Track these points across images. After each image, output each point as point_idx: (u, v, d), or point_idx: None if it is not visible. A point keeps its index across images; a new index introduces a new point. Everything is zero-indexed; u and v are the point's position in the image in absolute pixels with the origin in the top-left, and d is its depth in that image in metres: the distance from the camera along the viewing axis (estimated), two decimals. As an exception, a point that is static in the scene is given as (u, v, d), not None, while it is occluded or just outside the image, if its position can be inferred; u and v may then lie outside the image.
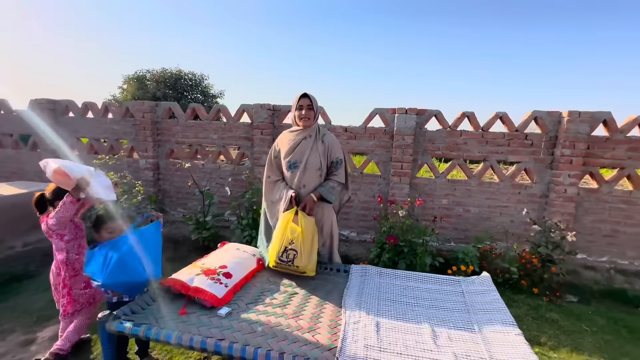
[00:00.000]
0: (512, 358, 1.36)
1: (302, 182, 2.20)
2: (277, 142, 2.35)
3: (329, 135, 2.27)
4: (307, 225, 2.06)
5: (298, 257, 2.00)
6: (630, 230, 3.43)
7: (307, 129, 2.20)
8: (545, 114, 3.43)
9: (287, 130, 2.33)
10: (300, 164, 2.18)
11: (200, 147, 4.34)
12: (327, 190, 2.19)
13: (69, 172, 1.71)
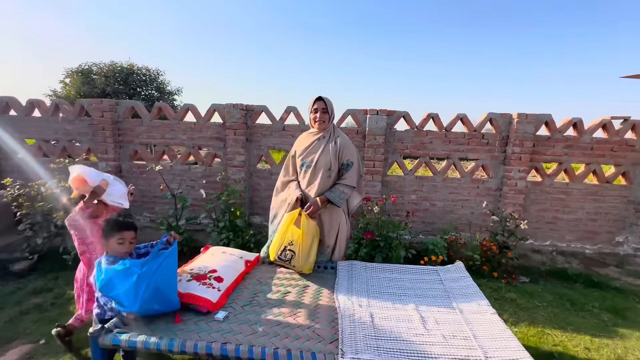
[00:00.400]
0: (491, 334, 1.56)
1: (312, 181, 2.26)
2: (295, 143, 2.44)
3: (343, 137, 2.30)
4: (308, 228, 2.11)
5: (295, 258, 2.07)
6: (567, 217, 3.96)
7: (322, 131, 2.28)
8: (499, 115, 3.81)
9: (305, 132, 2.43)
10: (312, 163, 2.24)
11: (168, 148, 4.15)
12: (336, 194, 2.21)
13: (87, 178, 1.84)
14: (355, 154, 2.30)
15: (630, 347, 2.24)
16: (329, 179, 2.24)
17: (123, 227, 1.69)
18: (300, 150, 2.34)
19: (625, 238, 3.96)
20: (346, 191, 2.27)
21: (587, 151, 3.82)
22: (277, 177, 4.01)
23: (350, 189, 2.30)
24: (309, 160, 2.29)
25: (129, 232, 1.70)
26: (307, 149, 2.30)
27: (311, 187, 2.28)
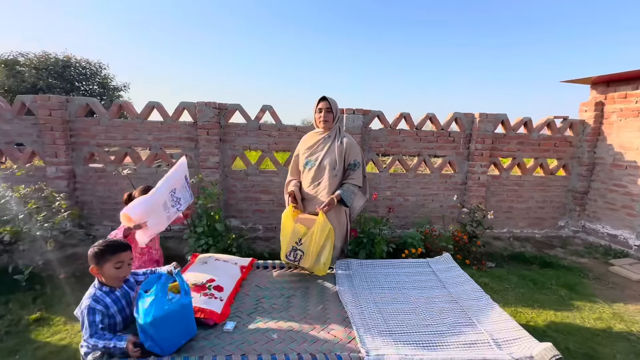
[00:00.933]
0: (491, 318, 1.70)
1: (316, 179, 2.26)
2: (300, 143, 2.44)
3: (349, 138, 2.32)
4: (323, 228, 2.03)
5: (304, 258, 2.03)
6: (520, 206, 4.42)
7: (327, 131, 2.29)
8: (463, 115, 4.12)
9: (310, 132, 2.43)
10: (317, 162, 2.25)
11: (131, 150, 3.80)
12: (347, 193, 2.22)
13: (132, 215, 1.84)
14: (360, 154, 2.35)
15: (585, 316, 2.59)
16: (335, 178, 2.26)
17: (119, 248, 1.49)
18: (305, 149, 2.35)
19: (566, 222, 4.54)
20: (355, 191, 2.32)
21: (535, 147, 4.30)
22: (253, 178, 3.95)
23: (356, 189, 2.34)
24: (313, 158, 2.30)
25: (125, 253, 1.51)
26: (311, 147, 2.31)
27: (316, 185, 2.29)
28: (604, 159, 4.19)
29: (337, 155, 2.23)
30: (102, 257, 1.44)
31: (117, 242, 1.51)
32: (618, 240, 4.00)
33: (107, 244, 1.48)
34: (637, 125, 3.82)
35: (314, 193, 2.31)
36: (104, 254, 1.45)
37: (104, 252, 1.45)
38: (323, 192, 2.28)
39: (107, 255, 1.45)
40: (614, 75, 3.98)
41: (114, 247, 1.48)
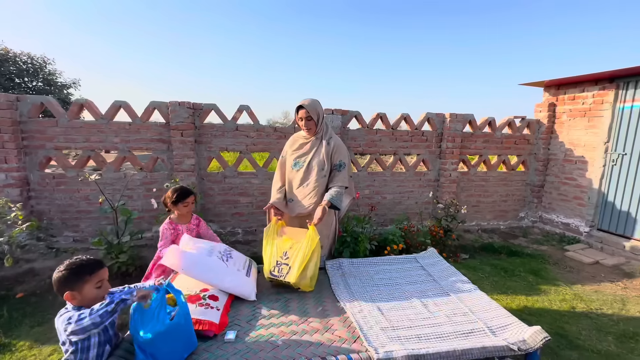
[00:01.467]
0: (482, 307, 1.80)
1: (305, 180, 2.25)
2: (285, 145, 2.42)
3: (335, 138, 2.33)
4: (313, 242, 1.98)
5: (291, 273, 1.93)
6: (487, 200, 4.74)
7: (313, 136, 2.29)
8: (435, 115, 4.32)
9: (297, 133, 2.43)
10: (305, 163, 2.24)
11: (95, 153, 3.50)
12: (337, 197, 2.21)
13: (180, 260, 1.78)
14: (346, 154, 2.36)
15: (552, 299, 2.85)
16: (324, 179, 2.27)
17: (96, 266, 1.33)
18: (292, 150, 2.33)
19: (526, 213, 4.95)
20: (342, 192, 2.32)
21: (499, 145, 4.63)
22: (231, 180, 3.83)
23: (343, 189, 2.34)
24: (301, 160, 2.30)
25: (103, 270, 1.35)
26: (299, 149, 2.31)
27: (305, 186, 2.28)
28: (556, 155, 4.62)
29: (324, 156, 2.25)
30: (79, 279, 1.27)
31: (91, 260, 1.34)
32: (570, 228, 4.44)
33: (81, 264, 1.30)
34: (584, 124, 4.26)
35: (302, 194, 2.31)
36: (80, 275, 1.28)
37: (80, 273, 1.28)
38: (312, 193, 2.29)
39: (85, 276, 1.28)
40: (563, 80, 4.41)
41: (91, 266, 1.32)
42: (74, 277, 1.27)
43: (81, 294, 1.28)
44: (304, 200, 2.32)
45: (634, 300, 2.87)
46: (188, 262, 1.76)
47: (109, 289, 1.38)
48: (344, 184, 2.30)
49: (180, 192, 2.16)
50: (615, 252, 3.82)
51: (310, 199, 2.30)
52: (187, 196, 2.16)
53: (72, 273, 1.27)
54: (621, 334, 2.34)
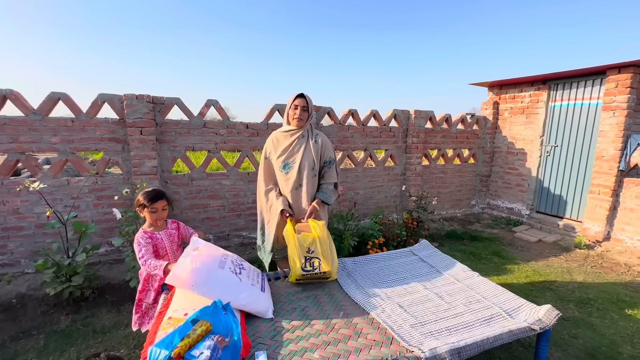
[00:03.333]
0: (491, 292, 1.92)
1: (298, 182, 2.16)
2: (267, 144, 2.26)
3: (322, 136, 2.26)
4: (321, 231, 2.00)
5: (323, 262, 1.90)
6: (445, 191, 5.12)
7: (300, 129, 2.16)
8: (401, 112, 4.49)
9: (277, 131, 2.26)
10: (295, 164, 2.15)
11: (26, 157, 2.86)
12: (327, 194, 2.24)
13: (191, 277, 1.56)
14: (333, 151, 2.36)
15: (517, 276, 3.19)
16: (314, 178, 2.24)
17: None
18: (279, 152, 2.21)
19: (476, 201, 5.48)
20: (332, 189, 2.32)
21: (454, 139, 5.02)
22: (200, 182, 3.48)
23: (332, 186, 2.33)
24: (290, 161, 2.21)
25: None
26: (286, 149, 2.20)
27: (298, 187, 2.21)
28: (500, 148, 5.20)
29: (314, 155, 2.21)
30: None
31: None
32: (514, 212, 5.05)
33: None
34: (523, 121, 4.85)
35: (296, 196, 2.24)
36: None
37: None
38: (305, 195, 2.24)
39: None
40: (504, 81, 4.95)
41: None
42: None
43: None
44: (299, 202, 2.27)
45: (577, 270, 3.37)
46: (198, 278, 1.53)
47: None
48: (334, 180, 2.33)
49: (148, 195, 1.86)
50: (552, 230, 4.45)
51: (304, 200, 2.26)
52: (155, 201, 1.85)
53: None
54: (579, 300, 2.73)
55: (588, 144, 4.15)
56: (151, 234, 1.92)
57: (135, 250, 1.85)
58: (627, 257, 3.61)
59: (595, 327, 2.34)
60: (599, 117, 3.94)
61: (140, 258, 1.82)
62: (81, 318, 2.40)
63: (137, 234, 1.90)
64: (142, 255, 1.82)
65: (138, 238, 1.87)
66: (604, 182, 3.85)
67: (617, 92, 3.70)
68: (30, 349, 2.05)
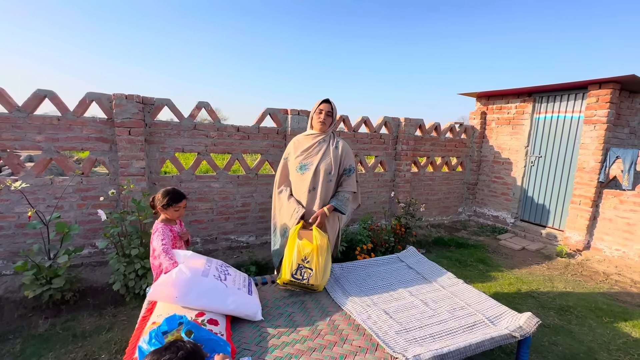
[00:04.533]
0: (475, 299, 1.95)
1: (312, 184, 2.15)
2: (288, 146, 2.29)
3: (343, 143, 2.26)
4: (322, 242, 1.98)
5: (313, 275, 1.89)
6: (433, 198, 5.20)
7: (322, 134, 2.19)
8: (391, 119, 4.56)
9: (300, 134, 2.30)
10: (312, 166, 2.14)
11: (8, 155, 2.78)
12: (342, 202, 2.19)
13: (175, 289, 1.56)
14: (354, 159, 2.34)
15: (501, 284, 3.26)
16: (330, 184, 2.20)
17: None
18: (298, 153, 2.21)
19: (463, 208, 5.58)
20: (349, 197, 2.30)
21: (443, 147, 5.11)
22: (189, 185, 3.45)
23: (351, 194, 2.32)
24: (308, 162, 2.20)
25: None
26: (305, 151, 2.20)
27: (312, 190, 2.18)
28: (487, 157, 5.32)
29: (332, 160, 2.19)
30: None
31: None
32: (499, 220, 5.16)
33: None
34: (509, 131, 4.98)
35: (310, 199, 2.22)
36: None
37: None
38: (318, 199, 2.22)
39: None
40: (491, 92, 5.09)
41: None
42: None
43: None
44: (311, 206, 2.23)
45: (558, 278, 3.47)
46: (182, 290, 1.51)
47: None
48: (352, 189, 2.28)
49: (172, 195, 1.96)
50: (535, 238, 4.56)
51: (317, 206, 2.22)
52: (180, 200, 1.99)
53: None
54: (559, 308, 2.80)
55: (570, 156, 4.29)
56: (170, 227, 2.00)
57: (156, 238, 1.90)
58: (606, 266, 3.73)
59: (574, 334, 2.41)
60: (581, 129, 4.09)
61: (164, 245, 1.86)
62: (61, 322, 2.33)
63: (157, 225, 1.96)
64: (165, 243, 1.87)
65: (160, 228, 1.94)
66: (585, 192, 3.99)
67: (598, 107, 3.85)
68: (5, 354, 1.99)
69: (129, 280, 2.60)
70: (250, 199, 3.81)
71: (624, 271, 3.59)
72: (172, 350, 0.86)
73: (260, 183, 3.83)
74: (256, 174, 3.81)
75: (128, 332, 2.21)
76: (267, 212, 3.92)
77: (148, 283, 2.57)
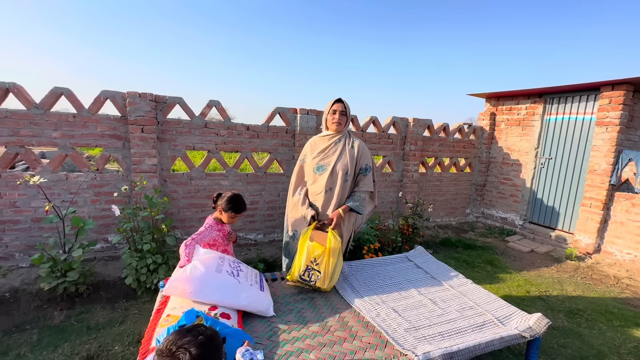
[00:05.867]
0: (484, 300, 1.95)
1: (329, 185, 2.16)
2: (304, 148, 2.31)
3: (359, 142, 2.27)
4: (335, 245, 1.98)
5: (321, 278, 1.91)
6: (441, 199, 5.18)
7: (338, 134, 2.19)
8: (400, 119, 4.55)
9: (316, 136, 2.31)
10: (329, 167, 2.15)
11: (25, 150, 2.86)
12: (358, 202, 2.19)
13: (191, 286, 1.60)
14: (371, 158, 2.34)
15: (509, 285, 3.24)
16: (346, 184, 2.20)
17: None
18: (315, 154, 2.23)
19: (471, 210, 5.54)
20: (366, 197, 2.29)
21: (451, 148, 5.09)
22: (198, 182, 3.50)
23: (368, 194, 2.32)
24: (325, 163, 2.22)
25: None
26: (322, 152, 2.22)
27: (329, 191, 2.19)
28: (496, 158, 5.28)
29: (349, 160, 2.19)
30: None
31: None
32: (508, 222, 5.12)
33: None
34: (519, 132, 4.94)
35: (326, 199, 2.22)
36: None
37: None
38: (335, 200, 2.23)
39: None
40: (501, 93, 5.05)
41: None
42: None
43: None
44: (327, 207, 2.24)
45: (567, 281, 3.43)
46: (197, 286, 1.55)
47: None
48: (369, 189, 2.28)
49: (235, 204, 2.04)
50: (544, 241, 4.52)
51: (332, 207, 2.23)
52: (240, 211, 2.07)
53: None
54: (569, 311, 2.78)
55: (581, 158, 4.24)
56: (222, 225, 2.11)
57: (202, 228, 2.03)
58: (617, 270, 3.68)
59: (583, 337, 2.39)
60: (593, 131, 4.04)
61: (198, 235, 1.96)
62: (75, 314, 2.39)
63: (209, 220, 2.10)
64: (203, 238, 1.96)
65: (210, 223, 2.07)
66: (596, 195, 3.94)
67: (611, 108, 3.80)
68: (23, 343, 2.05)
69: (141, 274, 2.65)
70: (259, 197, 3.85)
71: (636, 275, 3.54)
72: (193, 334, 0.90)
73: (269, 181, 3.87)
74: (265, 172, 3.84)
75: (140, 325, 2.26)
76: (275, 210, 3.96)
77: (159, 278, 2.62)
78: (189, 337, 0.87)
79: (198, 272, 1.59)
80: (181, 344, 0.85)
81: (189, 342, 0.86)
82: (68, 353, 1.97)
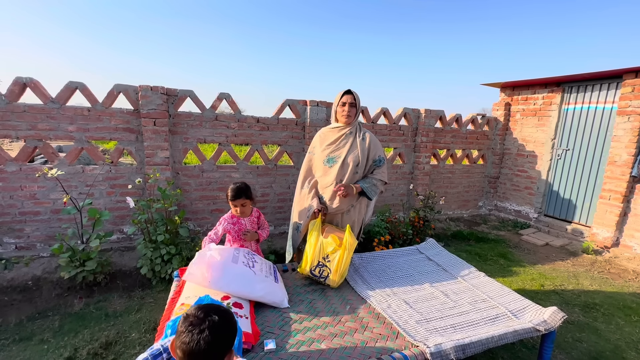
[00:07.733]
0: (497, 292, 1.93)
1: (340, 177, 2.15)
2: (313, 140, 2.29)
3: (370, 134, 2.25)
4: (350, 245, 1.96)
5: (331, 276, 1.92)
6: (453, 191, 5.10)
7: (348, 126, 2.17)
8: (411, 110, 4.48)
9: (326, 127, 2.29)
10: (339, 159, 2.14)
11: (43, 143, 2.94)
12: (370, 186, 2.19)
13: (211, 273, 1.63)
14: (382, 150, 2.34)
15: (523, 279, 3.19)
16: (356, 175, 2.20)
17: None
18: (325, 146, 2.22)
19: (484, 202, 5.45)
20: (379, 185, 2.29)
21: (464, 140, 4.99)
22: (210, 175, 3.53)
23: (382, 184, 2.31)
24: (335, 155, 2.21)
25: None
26: (332, 144, 2.21)
27: (340, 181, 2.20)
28: (510, 150, 5.15)
29: (360, 152, 2.17)
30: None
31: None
32: (522, 215, 5.01)
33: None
34: (535, 123, 4.80)
35: (334, 192, 2.20)
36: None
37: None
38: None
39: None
40: (517, 82, 4.90)
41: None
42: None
43: None
44: (337, 199, 2.21)
45: (583, 275, 3.36)
46: (215, 275, 1.58)
47: None
48: (384, 179, 2.28)
49: (231, 191, 2.08)
50: (560, 234, 4.42)
51: (341, 199, 2.20)
52: (233, 199, 2.07)
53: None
54: (584, 305, 2.72)
55: (600, 149, 4.09)
56: (237, 218, 2.14)
57: (218, 223, 2.12)
58: (636, 264, 3.58)
59: (600, 332, 2.34)
60: (613, 121, 3.89)
61: (214, 229, 2.06)
62: (94, 302, 2.48)
63: (227, 214, 2.17)
64: (217, 231, 2.06)
65: (226, 217, 2.15)
66: (615, 187, 3.81)
67: (633, 97, 3.64)
68: (46, 329, 2.13)
69: (155, 264, 2.72)
70: (269, 189, 3.87)
71: (656, 270, 3.43)
72: (219, 306, 0.97)
73: (279, 174, 3.88)
74: (275, 164, 3.85)
75: (155, 313, 2.33)
76: (286, 202, 3.97)
77: (173, 268, 2.68)
78: (215, 307, 0.96)
79: (215, 260, 1.62)
80: (208, 310, 0.92)
81: (215, 310, 0.93)
82: (88, 339, 2.04)
